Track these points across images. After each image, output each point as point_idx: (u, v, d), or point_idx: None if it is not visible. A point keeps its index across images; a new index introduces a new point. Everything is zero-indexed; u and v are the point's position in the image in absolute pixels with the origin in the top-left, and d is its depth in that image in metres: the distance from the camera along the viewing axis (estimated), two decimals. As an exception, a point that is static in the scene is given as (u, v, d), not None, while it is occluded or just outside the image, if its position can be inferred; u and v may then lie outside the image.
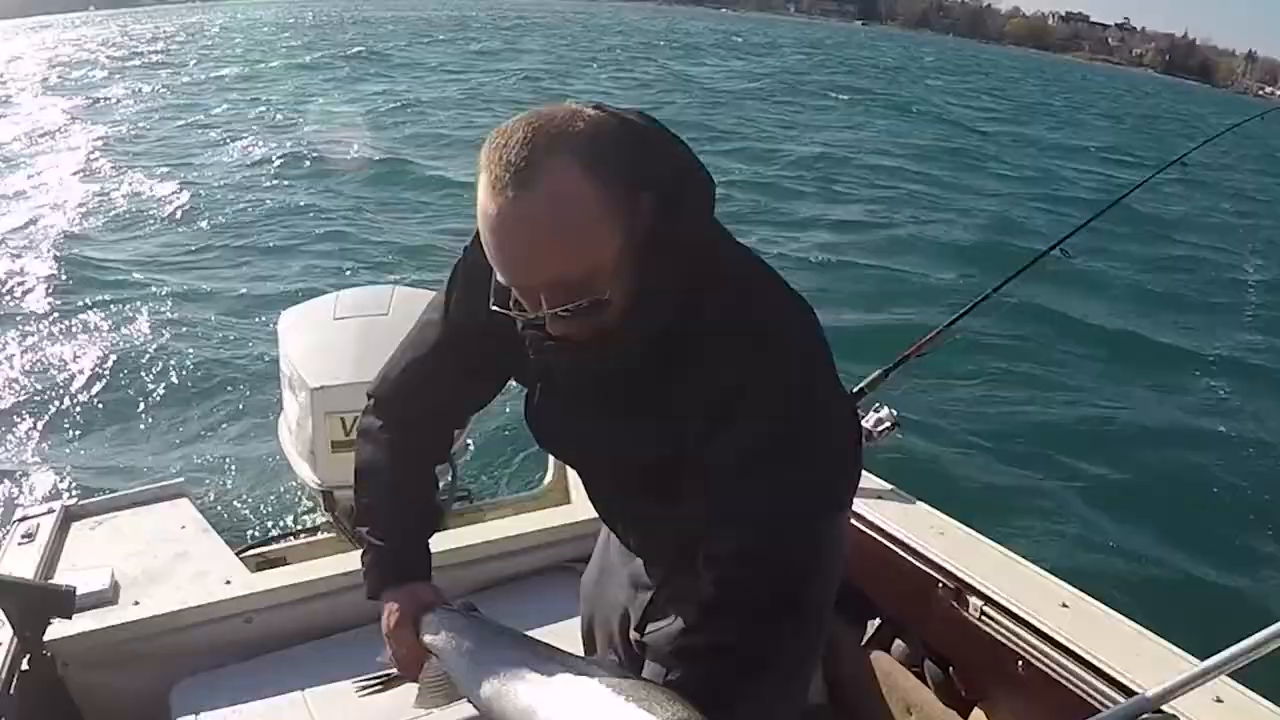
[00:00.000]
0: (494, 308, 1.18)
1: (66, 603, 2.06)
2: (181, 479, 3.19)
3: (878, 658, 2.50)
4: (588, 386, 1.26)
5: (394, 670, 1.59)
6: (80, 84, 25.88)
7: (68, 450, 6.05)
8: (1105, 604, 2.17)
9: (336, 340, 3.03)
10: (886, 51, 67.76)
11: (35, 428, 6.30)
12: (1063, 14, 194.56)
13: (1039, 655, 2.07)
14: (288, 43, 38.55)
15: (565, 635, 2.28)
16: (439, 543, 2.47)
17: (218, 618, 2.25)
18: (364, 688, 1.94)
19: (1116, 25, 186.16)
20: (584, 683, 1.24)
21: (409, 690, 2.04)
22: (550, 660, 1.32)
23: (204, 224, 11.44)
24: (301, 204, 12.34)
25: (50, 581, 2.26)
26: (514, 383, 1.51)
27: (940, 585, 2.31)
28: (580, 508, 2.73)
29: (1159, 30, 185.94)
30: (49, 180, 13.65)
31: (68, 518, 2.64)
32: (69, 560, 2.44)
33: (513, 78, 27.61)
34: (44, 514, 2.61)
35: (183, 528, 2.68)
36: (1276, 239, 11.85)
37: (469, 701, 1.41)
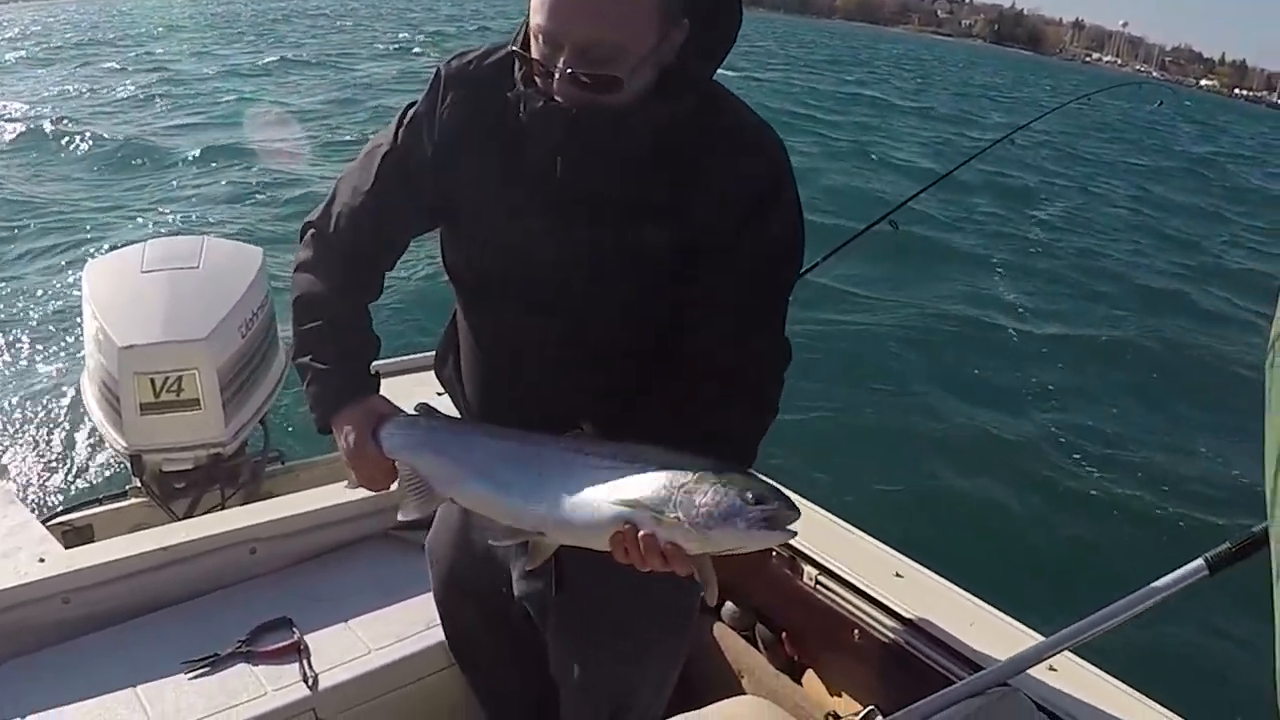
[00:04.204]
0: (515, 48, 1.30)
1: None
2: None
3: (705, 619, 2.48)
4: (588, 186, 1.31)
5: None
6: None
7: None
8: (937, 573, 2.22)
9: (145, 294, 2.81)
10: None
11: None
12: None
13: (875, 625, 2.10)
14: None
15: (412, 609, 2.21)
16: (255, 513, 2.34)
17: (34, 599, 2.04)
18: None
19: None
20: (581, 453, 1.28)
21: (239, 671, 1.98)
22: (536, 442, 1.33)
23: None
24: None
25: None
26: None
27: (774, 553, 2.31)
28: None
29: (987, 1, 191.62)
30: None
31: None
32: None
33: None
34: None
35: None
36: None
37: (453, 500, 1.44)
